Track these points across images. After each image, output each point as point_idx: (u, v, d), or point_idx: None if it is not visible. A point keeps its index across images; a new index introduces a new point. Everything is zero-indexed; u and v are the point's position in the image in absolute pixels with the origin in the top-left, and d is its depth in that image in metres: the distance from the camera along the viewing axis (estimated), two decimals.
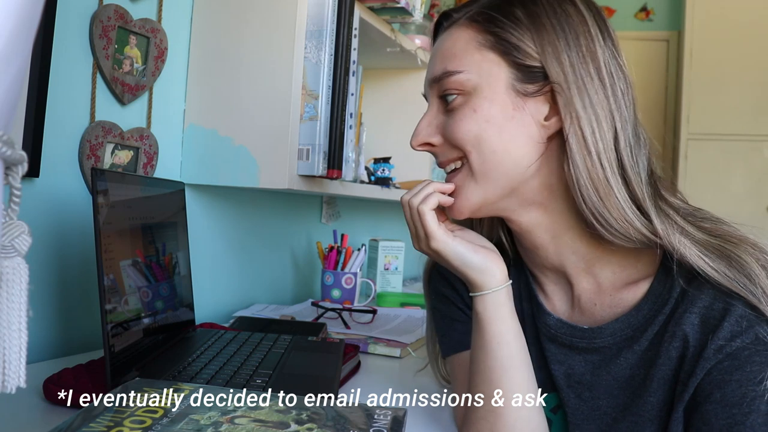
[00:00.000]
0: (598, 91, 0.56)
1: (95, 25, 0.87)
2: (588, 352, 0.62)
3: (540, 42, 0.57)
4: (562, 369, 0.64)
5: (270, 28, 0.97)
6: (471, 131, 0.58)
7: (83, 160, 0.87)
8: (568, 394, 0.63)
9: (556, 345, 0.64)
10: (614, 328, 0.60)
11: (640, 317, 0.59)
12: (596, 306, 0.62)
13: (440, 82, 0.61)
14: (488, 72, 0.59)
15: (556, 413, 0.66)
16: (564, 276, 0.64)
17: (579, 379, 0.62)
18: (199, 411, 0.47)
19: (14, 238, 0.29)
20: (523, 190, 0.60)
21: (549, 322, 0.65)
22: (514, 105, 0.58)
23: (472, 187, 0.60)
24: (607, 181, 0.55)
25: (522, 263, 0.69)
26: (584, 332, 0.62)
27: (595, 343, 0.61)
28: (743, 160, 3.23)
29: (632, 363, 0.59)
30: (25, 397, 0.65)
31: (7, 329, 0.29)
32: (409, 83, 1.50)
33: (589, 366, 0.62)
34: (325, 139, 0.95)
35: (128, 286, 0.71)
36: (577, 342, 0.62)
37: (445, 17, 0.64)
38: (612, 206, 0.55)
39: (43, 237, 0.83)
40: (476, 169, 0.59)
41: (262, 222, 1.30)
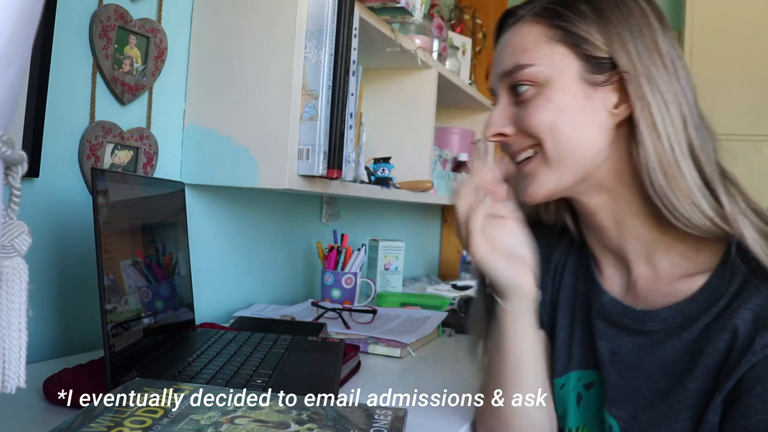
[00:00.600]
0: (664, 79, 0.60)
1: (95, 25, 0.87)
2: (637, 334, 0.64)
3: (607, 34, 0.60)
4: (608, 347, 0.65)
5: (270, 28, 0.96)
6: (546, 120, 0.62)
7: (83, 160, 0.87)
8: (610, 372, 0.65)
9: (607, 323, 0.66)
10: (666, 315, 0.62)
11: (694, 308, 0.60)
12: (650, 293, 0.64)
13: (511, 75, 0.64)
14: (559, 64, 0.62)
15: (588, 390, 0.68)
16: (623, 260, 0.67)
17: (624, 358, 0.64)
18: (199, 411, 0.47)
19: (14, 238, 0.29)
20: (593, 176, 0.63)
21: (603, 300, 0.67)
22: (585, 95, 0.62)
23: (547, 174, 0.63)
24: (676, 163, 0.58)
25: (585, 243, 0.71)
26: (636, 314, 0.64)
27: (645, 326, 0.63)
28: (744, 160, 3.21)
29: (678, 350, 0.60)
30: (25, 398, 0.65)
31: (6, 329, 0.29)
32: (410, 83, 1.50)
33: (635, 347, 0.63)
34: (325, 139, 0.95)
35: (128, 286, 0.71)
36: (628, 323, 0.64)
37: (509, 15, 0.67)
38: (679, 188, 0.58)
39: (42, 237, 0.83)
40: (551, 156, 0.62)
41: (262, 222, 1.29)
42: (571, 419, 0.69)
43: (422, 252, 2.16)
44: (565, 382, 0.70)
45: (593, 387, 0.68)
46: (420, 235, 2.14)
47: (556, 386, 0.70)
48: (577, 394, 0.69)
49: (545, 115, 0.62)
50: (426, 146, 1.49)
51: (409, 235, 2.02)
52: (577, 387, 0.69)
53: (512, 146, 0.66)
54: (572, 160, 0.62)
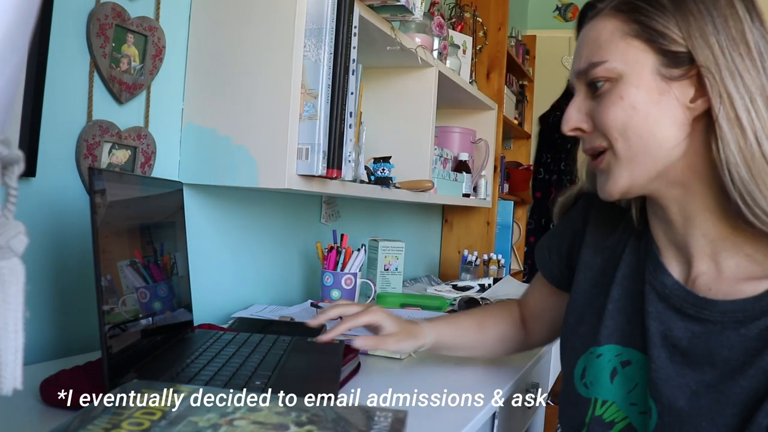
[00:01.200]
0: (751, 72, 0.58)
1: (92, 24, 0.86)
2: (692, 321, 0.63)
3: (686, 27, 0.60)
4: (661, 328, 0.65)
5: (269, 27, 0.96)
6: (618, 118, 0.62)
7: (80, 159, 0.87)
8: (660, 353, 0.64)
9: (664, 305, 0.66)
10: (727, 308, 0.61)
11: (758, 307, 0.59)
12: (710, 290, 0.64)
13: (586, 73, 0.65)
14: (634, 59, 0.61)
15: (624, 367, 0.68)
16: (686, 255, 0.66)
17: (675, 342, 0.64)
18: (197, 413, 0.47)
19: (11, 238, 0.29)
20: (669, 171, 0.63)
21: (666, 282, 0.67)
22: (659, 90, 0.61)
23: (619, 171, 0.64)
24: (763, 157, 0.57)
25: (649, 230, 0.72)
26: (697, 300, 0.63)
27: (703, 314, 0.63)
28: None
29: (733, 344, 0.60)
30: (22, 400, 0.64)
31: (3, 330, 0.28)
32: (410, 82, 1.50)
33: (688, 333, 0.63)
34: (325, 138, 0.95)
35: (126, 287, 0.71)
36: (687, 307, 0.64)
37: (589, 8, 0.67)
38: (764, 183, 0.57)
39: (39, 237, 0.82)
40: (622, 155, 0.63)
41: (261, 222, 1.29)
42: (602, 391, 0.69)
43: (422, 252, 2.16)
44: (603, 352, 0.70)
45: (630, 366, 0.68)
46: (420, 235, 2.13)
47: (592, 354, 0.71)
48: (612, 368, 0.69)
49: (616, 114, 0.62)
50: (426, 146, 1.49)
51: (409, 235, 2.01)
52: (614, 361, 0.69)
53: (587, 143, 0.66)
54: (645, 158, 0.62)
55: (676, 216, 0.65)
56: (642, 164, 0.62)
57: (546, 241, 0.87)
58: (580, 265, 0.78)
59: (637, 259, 0.71)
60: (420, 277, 1.99)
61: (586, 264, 0.77)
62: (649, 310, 0.66)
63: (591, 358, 0.71)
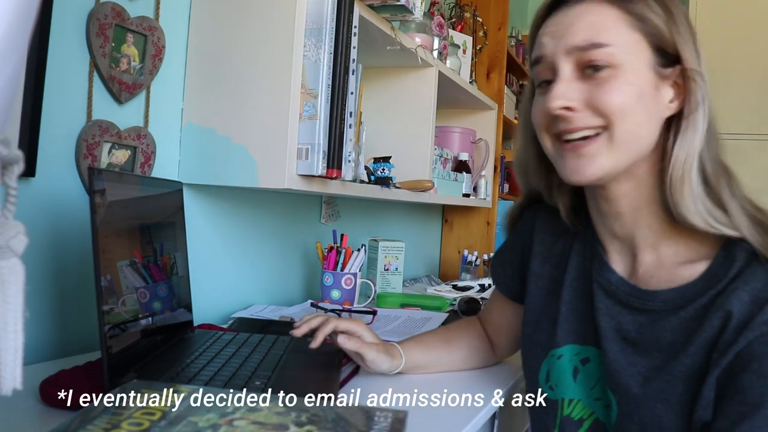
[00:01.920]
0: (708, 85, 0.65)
1: (92, 23, 0.86)
2: (638, 312, 0.67)
3: (676, 31, 0.64)
4: (612, 323, 0.69)
5: (269, 26, 0.96)
6: (625, 102, 0.62)
7: (80, 159, 0.87)
8: (612, 347, 0.68)
9: (612, 301, 0.69)
10: (667, 296, 0.65)
11: (694, 290, 0.63)
12: (653, 278, 0.67)
13: (585, 51, 0.63)
14: (635, 50, 0.63)
15: (584, 365, 0.72)
16: (631, 246, 0.70)
17: (625, 335, 0.67)
18: (197, 413, 0.47)
19: (10, 238, 0.29)
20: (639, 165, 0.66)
21: (611, 279, 0.70)
22: (653, 85, 0.64)
23: (607, 155, 0.64)
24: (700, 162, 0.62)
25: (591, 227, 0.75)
26: (641, 293, 0.67)
27: (647, 305, 0.66)
28: (745, 159, 3.22)
29: (674, 327, 0.63)
30: (21, 400, 0.64)
31: (3, 330, 0.28)
32: (410, 82, 1.50)
33: (636, 325, 0.67)
34: (325, 138, 0.95)
35: (126, 287, 0.71)
36: (632, 301, 0.68)
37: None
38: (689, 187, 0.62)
39: (39, 237, 0.82)
40: (617, 139, 0.63)
41: (261, 222, 1.29)
42: (566, 390, 0.72)
43: (422, 252, 2.15)
44: (563, 353, 0.73)
45: (589, 363, 0.71)
46: (420, 235, 2.13)
47: (553, 357, 0.74)
48: (573, 368, 0.72)
49: (624, 98, 0.62)
50: (426, 146, 1.49)
51: (409, 235, 2.01)
52: (573, 360, 0.72)
53: (574, 122, 0.64)
54: (633, 146, 0.64)
55: (626, 208, 0.68)
56: (629, 151, 0.64)
57: (498, 257, 0.91)
58: (531, 276, 0.81)
59: (584, 261, 0.75)
60: (420, 277, 1.99)
61: (535, 274, 0.81)
62: (598, 306, 0.70)
63: (553, 361, 0.74)
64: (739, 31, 3.22)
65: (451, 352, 0.92)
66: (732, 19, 3.24)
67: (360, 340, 0.82)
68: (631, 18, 0.63)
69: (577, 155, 0.64)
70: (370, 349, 0.81)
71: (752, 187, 2.32)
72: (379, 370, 0.83)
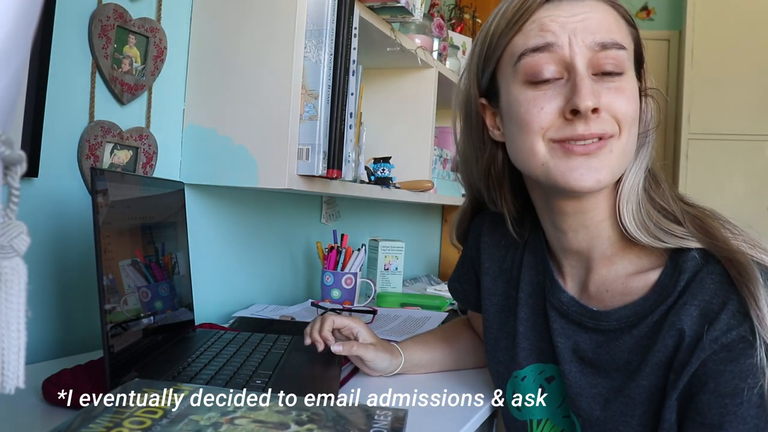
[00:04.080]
0: None
1: (94, 25, 0.87)
2: (593, 332, 0.64)
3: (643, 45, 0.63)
4: (568, 343, 0.66)
5: (269, 28, 0.96)
6: (630, 109, 0.60)
7: (82, 159, 0.87)
8: (571, 368, 0.65)
9: (565, 320, 0.67)
10: (620, 314, 0.62)
11: (645, 306, 0.61)
12: (607, 293, 0.65)
13: (606, 51, 0.58)
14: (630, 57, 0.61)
15: (549, 383, 0.70)
16: (585, 261, 0.67)
17: (583, 355, 0.65)
18: (198, 412, 0.47)
19: (13, 238, 0.29)
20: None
21: (562, 299, 0.68)
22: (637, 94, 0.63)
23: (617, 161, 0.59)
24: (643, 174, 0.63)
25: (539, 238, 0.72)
26: (593, 314, 0.65)
27: (601, 326, 0.64)
28: (744, 160, 3.22)
29: (630, 347, 0.61)
30: (23, 398, 0.65)
31: (5, 330, 0.28)
32: (410, 83, 1.50)
33: (592, 344, 0.64)
34: (325, 138, 0.95)
35: (127, 286, 0.71)
36: (585, 321, 0.65)
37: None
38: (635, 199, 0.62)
39: (41, 237, 0.82)
40: (623, 149, 0.60)
41: (261, 222, 1.29)
42: (533, 411, 0.70)
43: (422, 252, 2.16)
44: (526, 374, 0.71)
45: (554, 381, 0.69)
46: (420, 235, 2.13)
47: (516, 378, 0.72)
48: (539, 387, 0.70)
49: (633, 107, 0.60)
50: (426, 146, 1.49)
51: (409, 235, 2.01)
52: (538, 380, 0.70)
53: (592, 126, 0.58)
54: (629, 157, 0.61)
55: (591, 221, 0.64)
56: (627, 162, 0.61)
57: (455, 274, 0.89)
58: (484, 293, 0.78)
59: (536, 275, 0.72)
60: (420, 277, 1.99)
61: (489, 291, 0.78)
62: (554, 327, 0.68)
63: (517, 382, 0.72)
64: (738, 31, 3.21)
65: (451, 350, 0.91)
66: (731, 19, 3.23)
67: (355, 343, 0.80)
68: (627, 23, 0.61)
69: (587, 158, 0.58)
70: (368, 349, 0.80)
71: (751, 187, 2.35)
72: (378, 370, 0.82)
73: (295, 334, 0.92)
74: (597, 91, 0.58)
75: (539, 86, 0.60)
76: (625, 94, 0.59)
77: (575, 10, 0.59)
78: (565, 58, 0.59)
